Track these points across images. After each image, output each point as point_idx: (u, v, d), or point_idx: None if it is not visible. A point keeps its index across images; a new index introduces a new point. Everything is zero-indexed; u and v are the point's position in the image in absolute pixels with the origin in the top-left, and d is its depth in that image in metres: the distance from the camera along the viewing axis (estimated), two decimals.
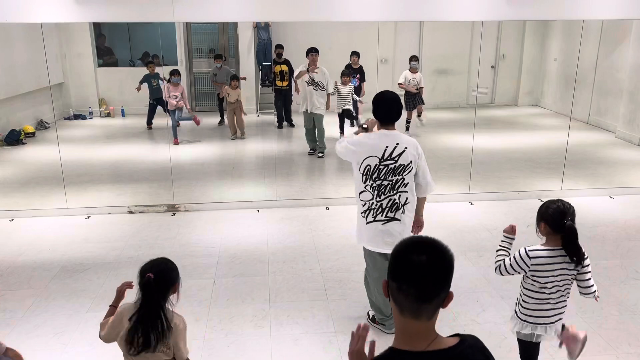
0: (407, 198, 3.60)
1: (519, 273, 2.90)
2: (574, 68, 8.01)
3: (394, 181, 3.55)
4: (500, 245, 3.07)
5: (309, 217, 6.10)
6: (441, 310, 1.58)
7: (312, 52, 8.26)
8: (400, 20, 10.23)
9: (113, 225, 5.92)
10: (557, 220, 2.79)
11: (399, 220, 3.61)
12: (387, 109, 3.61)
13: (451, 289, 1.56)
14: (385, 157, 3.52)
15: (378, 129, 3.67)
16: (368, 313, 4.05)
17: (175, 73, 9.22)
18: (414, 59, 9.50)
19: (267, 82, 11.13)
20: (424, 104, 9.64)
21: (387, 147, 3.52)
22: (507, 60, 12.46)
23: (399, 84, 9.42)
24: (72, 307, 4.25)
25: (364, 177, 3.57)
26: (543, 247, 2.86)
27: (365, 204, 3.61)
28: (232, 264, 4.97)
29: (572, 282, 2.94)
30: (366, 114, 9.92)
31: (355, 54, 9.56)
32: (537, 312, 2.94)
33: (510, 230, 3.10)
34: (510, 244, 3.08)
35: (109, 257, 5.12)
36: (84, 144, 9.40)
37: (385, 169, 3.53)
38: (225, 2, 5.73)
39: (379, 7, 5.88)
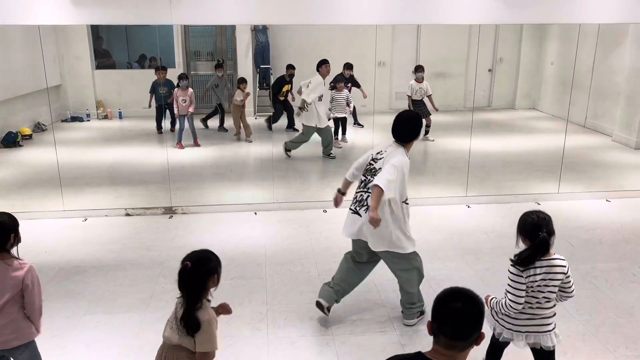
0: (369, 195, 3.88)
1: (524, 290, 2.89)
2: (570, 71, 8.03)
3: (367, 180, 3.86)
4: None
5: (307, 219, 6.10)
6: None
7: (326, 63, 8.25)
8: (398, 24, 10.25)
9: (110, 227, 5.91)
10: (533, 233, 2.87)
11: (360, 216, 3.86)
12: (393, 128, 3.97)
13: (483, 330, 1.89)
14: (373, 158, 3.93)
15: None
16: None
17: (183, 77, 9.20)
18: (419, 69, 9.52)
19: (264, 84, 11.14)
20: (430, 114, 9.63)
21: (380, 151, 3.93)
22: (505, 64, 12.49)
23: (407, 95, 9.47)
24: (70, 310, 4.24)
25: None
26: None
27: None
28: (229, 267, 4.97)
29: (552, 296, 2.93)
30: (364, 118, 9.94)
31: (348, 66, 9.65)
32: (508, 317, 3.00)
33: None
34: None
35: (106, 260, 5.11)
36: (81, 146, 9.38)
37: (369, 166, 3.91)
38: (223, 4, 5.74)
39: (377, 11, 5.89)
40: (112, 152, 9.07)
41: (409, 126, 3.91)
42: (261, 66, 11.13)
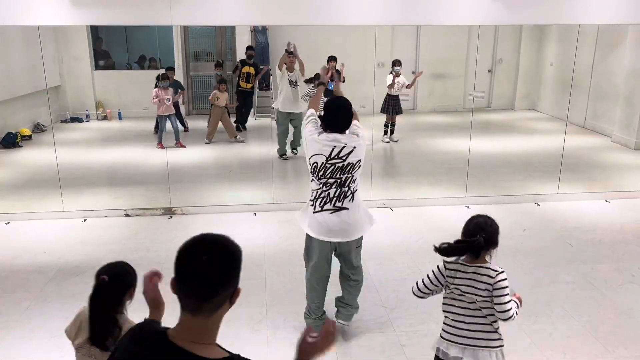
0: (355, 189, 3.64)
1: (436, 287, 2.83)
2: (570, 72, 8.02)
3: (342, 179, 3.56)
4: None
5: (303, 221, 6.09)
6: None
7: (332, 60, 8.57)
8: (397, 25, 10.25)
9: (110, 228, 5.91)
10: (471, 232, 2.73)
11: (347, 209, 3.60)
12: (333, 120, 3.57)
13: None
14: (331, 156, 3.52)
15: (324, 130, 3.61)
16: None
17: (164, 77, 9.14)
18: (397, 63, 9.52)
19: (264, 85, 11.14)
20: (401, 112, 9.61)
21: (334, 147, 3.52)
22: (504, 65, 12.48)
23: (388, 86, 9.42)
24: (69, 311, 4.22)
25: (311, 169, 3.61)
26: (460, 261, 2.78)
27: (313, 193, 3.63)
28: None
29: (486, 306, 2.70)
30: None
31: (332, 58, 9.64)
32: (445, 326, 2.83)
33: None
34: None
35: (106, 260, 5.03)
36: (80, 147, 9.38)
37: (332, 167, 3.53)
38: (223, 5, 5.74)
39: (377, 11, 5.89)
40: (111, 152, 9.07)
41: (346, 111, 3.59)
42: (261, 67, 11.13)
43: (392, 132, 9.61)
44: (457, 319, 2.77)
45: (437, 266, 2.85)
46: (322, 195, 3.59)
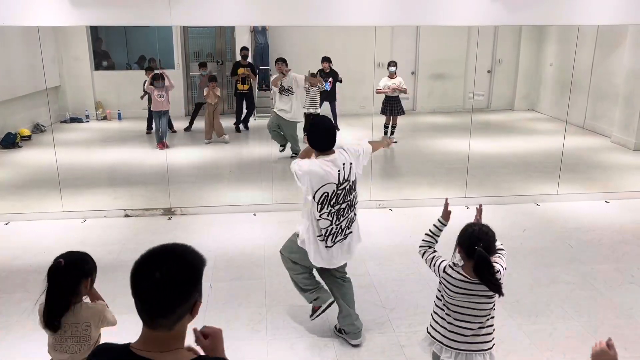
0: (356, 208, 3.67)
1: (431, 259, 2.93)
2: (569, 73, 8.03)
3: (350, 200, 3.57)
4: (429, 230, 3.09)
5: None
6: None
7: (280, 61, 8.38)
8: (397, 25, 10.25)
9: (109, 228, 5.90)
10: (469, 246, 2.63)
11: (352, 232, 3.68)
12: (323, 139, 3.53)
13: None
14: (341, 182, 3.47)
15: (315, 155, 3.55)
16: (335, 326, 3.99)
17: (158, 78, 9.13)
18: (392, 64, 9.52)
19: (263, 85, 11.14)
20: (404, 113, 9.61)
21: (339, 171, 3.45)
22: (504, 65, 12.49)
23: (377, 89, 9.40)
24: None
25: (320, 205, 3.45)
26: (461, 272, 2.70)
27: (323, 230, 3.53)
28: (228, 268, 4.96)
29: (490, 311, 2.71)
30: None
31: (326, 59, 9.65)
32: (440, 328, 2.79)
33: (446, 217, 3.05)
34: (440, 230, 3.07)
35: (105, 261, 5.09)
36: (80, 147, 9.38)
37: (343, 192, 3.49)
38: (222, 6, 5.74)
39: (376, 12, 5.89)
40: (111, 153, 9.07)
41: (331, 130, 3.57)
42: (260, 67, 11.12)
43: (392, 133, 9.62)
44: (453, 322, 2.74)
45: (438, 267, 2.84)
46: (334, 231, 3.56)
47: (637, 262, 5.11)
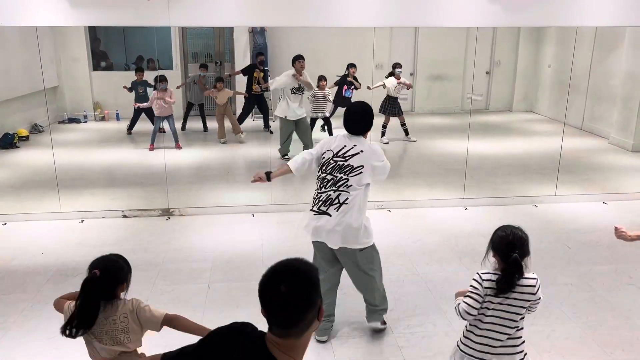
0: (347, 198, 3.58)
1: (480, 304, 2.69)
2: (568, 74, 8.04)
3: (337, 178, 3.59)
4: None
5: (304, 221, 6.09)
6: (437, 315, 1.60)
7: (300, 59, 8.27)
8: (395, 26, 10.26)
9: (107, 229, 5.90)
10: (503, 251, 2.65)
11: (330, 215, 3.59)
12: (346, 122, 3.70)
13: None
14: (337, 153, 3.64)
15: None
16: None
17: (162, 79, 9.16)
18: (398, 65, 9.53)
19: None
20: (402, 113, 9.64)
21: (344, 145, 3.64)
22: (502, 66, 12.51)
23: (376, 86, 9.38)
24: None
25: (320, 166, 3.72)
26: (494, 272, 2.70)
27: (315, 192, 3.72)
28: (226, 269, 4.96)
29: (519, 322, 2.69)
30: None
31: (352, 66, 9.64)
32: (468, 341, 2.75)
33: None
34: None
35: None
36: (78, 148, 9.37)
37: (334, 164, 3.63)
38: (221, 6, 5.73)
39: (375, 13, 5.89)
40: (109, 153, 9.06)
41: (367, 117, 3.72)
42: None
43: (406, 132, 9.67)
44: (485, 334, 2.70)
45: (476, 281, 2.71)
46: (321, 198, 3.66)
47: (635, 263, 5.11)
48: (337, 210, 3.58)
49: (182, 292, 4.54)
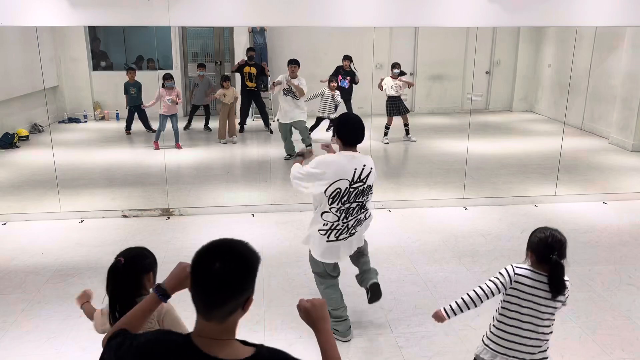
0: (369, 214, 3.79)
1: (498, 291, 2.74)
2: (567, 74, 8.05)
3: (362, 202, 3.64)
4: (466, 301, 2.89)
5: (304, 221, 6.08)
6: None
7: (292, 63, 8.30)
8: (395, 26, 10.26)
9: (107, 229, 5.89)
10: (542, 252, 2.65)
11: (357, 232, 3.75)
12: (352, 132, 3.62)
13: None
14: (355, 180, 3.53)
15: (340, 150, 3.66)
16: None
17: (168, 77, 9.14)
18: (396, 66, 9.53)
19: (262, 86, 11.13)
20: (408, 112, 9.64)
21: (355, 169, 3.53)
22: (502, 66, 12.51)
23: (379, 85, 9.39)
24: (65, 312, 4.23)
25: (331, 200, 3.53)
26: (529, 268, 2.71)
27: (328, 224, 3.62)
28: None
29: (552, 320, 2.70)
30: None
31: (347, 58, 9.62)
32: (502, 341, 2.74)
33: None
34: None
35: (103, 261, 5.07)
36: (78, 148, 9.37)
37: (355, 191, 3.56)
38: (220, 6, 5.73)
39: (375, 13, 5.90)
40: (109, 153, 9.05)
41: (362, 125, 3.65)
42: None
43: (407, 132, 9.65)
44: (513, 331, 2.70)
45: (506, 271, 2.72)
46: (339, 227, 3.63)
47: (634, 263, 5.12)
48: (360, 225, 3.75)
49: (182, 292, 4.52)
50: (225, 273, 1.51)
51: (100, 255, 5.22)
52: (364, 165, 3.56)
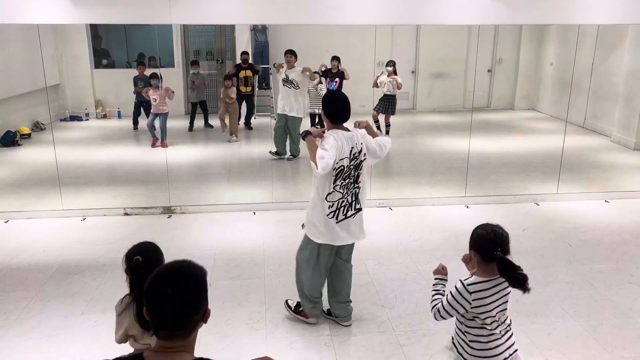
0: (362, 187, 3.79)
1: (459, 312, 2.59)
2: (569, 72, 8.04)
3: (356, 175, 3.71)
4: (434, 289, 2.77)
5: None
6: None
7: (288, 53, 8.35)
8: (397, 24, 10.25)
9: (109, 227, 5.90)
10: (486, 249, 2.52)
11: (361, 209, 3.80)
12: (340, 110, 3.69)
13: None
14: (352, 157, 3.65)
15: (328, 128, 3.73)
16: (286, 301, 4.20)
17: (154, 77, 9.13)
18: (390, 63, 9.50)
19: (263, 84, 11.14)
20: (394, 114, 9.58)
21: (352, 147, 3.64)
22: (504, 64, 12.50)
23: (374, 83, 9.36)
24: (67, 310, 4.24)
25: (335, 177, 3.63)
26: (479, 279, 2.58)
27: (334, 204, 3.69)
28: (228, 267, 4.96)
29: (506, 309, 2.62)
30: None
31: (335, 58, 9.60)
32: (490, 352, 2.61)
33: (442, 271, 2.82)
34: (444, 285, 2.78)
35: (105, 259, 5.10)
36: (80, 146, 9.38)
37: (353, 167, 3.68)
38: (222, 4, 5.73)
39: (376, 11, 5.89)
40: (110, 151, 9.06)
41: (348, 103, 3.74)
42: (260, 66, 11.13)
43: (387, 132, 9.61)
44: (477, 340, 2.63)
45: (457, 291, 2.58)
46: (344, 203, 3.70)
47: (636, 261, 5.11)
48: (359, 196, 3.76)
49: None
50: (179, 297, 1.55)
51: (101, 253, 5.22)
52: (357, 143, 3.66)
